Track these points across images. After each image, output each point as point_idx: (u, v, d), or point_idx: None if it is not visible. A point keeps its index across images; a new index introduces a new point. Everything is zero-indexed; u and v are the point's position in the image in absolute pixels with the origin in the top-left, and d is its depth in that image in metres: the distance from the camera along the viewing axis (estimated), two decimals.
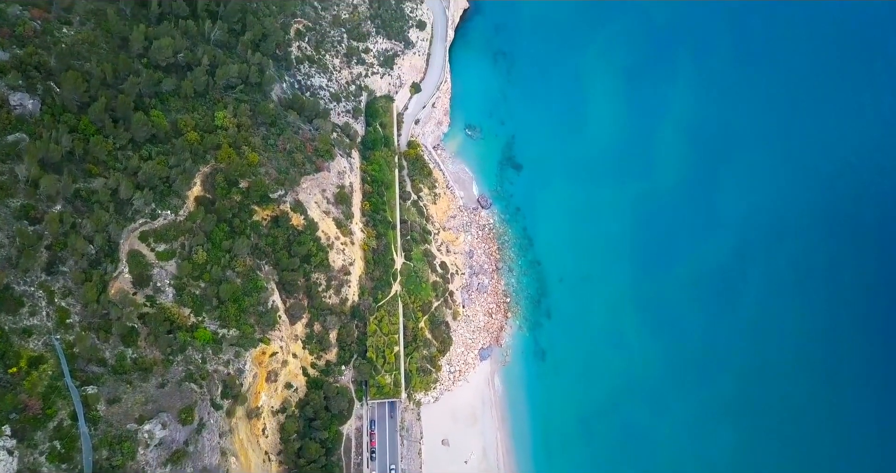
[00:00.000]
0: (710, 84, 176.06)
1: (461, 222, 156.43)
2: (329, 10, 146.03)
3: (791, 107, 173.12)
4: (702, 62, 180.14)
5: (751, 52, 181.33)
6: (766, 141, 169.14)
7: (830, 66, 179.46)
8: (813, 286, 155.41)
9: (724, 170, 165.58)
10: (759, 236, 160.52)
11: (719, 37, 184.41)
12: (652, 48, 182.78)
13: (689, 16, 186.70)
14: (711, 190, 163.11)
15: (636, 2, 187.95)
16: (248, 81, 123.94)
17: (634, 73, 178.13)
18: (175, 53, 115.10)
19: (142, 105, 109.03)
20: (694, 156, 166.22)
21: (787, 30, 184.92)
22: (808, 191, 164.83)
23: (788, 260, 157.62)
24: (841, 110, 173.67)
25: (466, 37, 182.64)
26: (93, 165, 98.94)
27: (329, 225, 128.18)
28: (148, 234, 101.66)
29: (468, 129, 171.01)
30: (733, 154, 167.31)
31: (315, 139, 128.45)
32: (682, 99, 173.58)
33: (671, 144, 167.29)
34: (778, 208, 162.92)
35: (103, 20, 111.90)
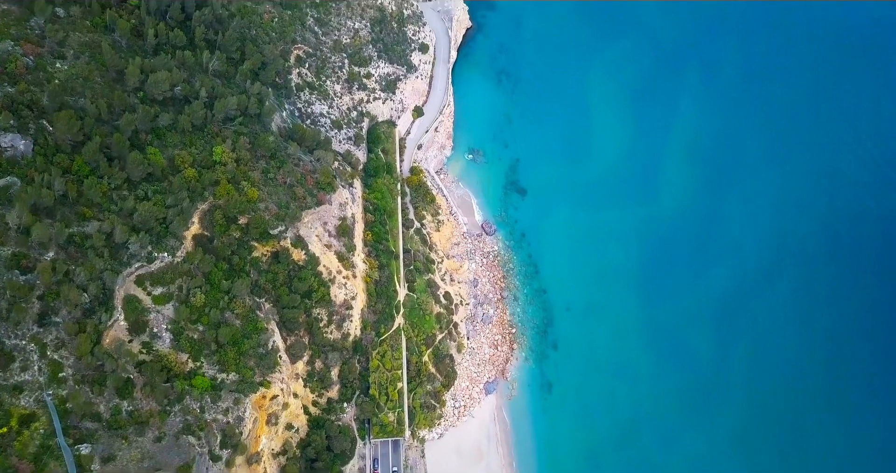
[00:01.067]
0: (716, 105, 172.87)
1: (465, 249, 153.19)
2: (330, 36, 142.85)
3: (798, 129, 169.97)
4: (708, 82, 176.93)
5: (757, 72, 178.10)
6: (772, 164, 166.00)
7: (839, 85, 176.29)
8: (820, 312, 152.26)
9: (730, 194, 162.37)
10: (767, 262, 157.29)
11: (725, 56, 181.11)
12: (657, 68, 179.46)
13: (695, 35, 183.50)
14: (718, 215, 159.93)
15: (641, 21, 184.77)
16: (248, 112, 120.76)
17: (639, 93, 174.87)
18: (172, 86, 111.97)
19: (138, 141, 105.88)
20: (700, 179, 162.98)
21: (793, 49, 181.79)
22: (816, 213, 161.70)
23: (796, 286, 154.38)
24: (850, 130, 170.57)
25: (469, 56, 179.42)
26: (87, 208, 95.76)
27: (331, 259, 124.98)
28: (144, 278, 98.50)
29: (471, 153, 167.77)
30: (739, 177, 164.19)
31: (316, 171, 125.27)
32: (687, 120, 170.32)
33: (677, 168, 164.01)
34: (785, 233, 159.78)
35: (98, 53, 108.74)
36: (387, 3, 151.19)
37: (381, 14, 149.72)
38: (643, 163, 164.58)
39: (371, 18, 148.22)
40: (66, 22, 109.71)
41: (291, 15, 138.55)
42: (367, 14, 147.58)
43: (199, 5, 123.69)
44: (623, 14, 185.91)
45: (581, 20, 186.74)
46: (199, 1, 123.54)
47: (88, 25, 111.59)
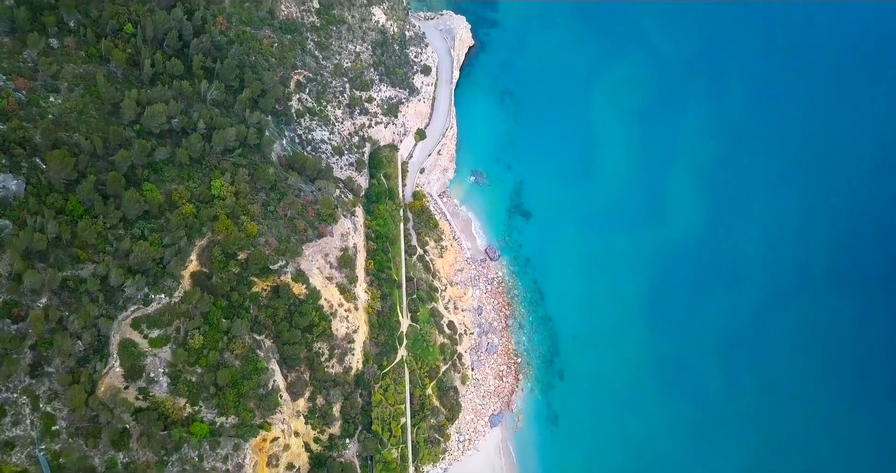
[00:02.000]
0: (722, 127, 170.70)
1: (469, 276, 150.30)
2: (330, 59, 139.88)
3: (806, 151, 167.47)
4: (714, 103, 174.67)
5: (763, 93, 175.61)
6: (780, 187, 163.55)
7: (848, 107, 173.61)
8: (833, 339, 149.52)
9: (738, 218, 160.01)
10: (778, 287, 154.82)
11: (731, 77, 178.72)
12: (663, 87, 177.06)
13: (701, 53, 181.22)
14: (726, 239, 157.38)
15: (646, 40, 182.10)
16: (247, 143, 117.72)
17: (645, 113, 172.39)
18: (169, 118, 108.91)
19: (134, 177, 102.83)
20: (707, 203, 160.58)
21: (801, 68, 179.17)
22: (826, 238, 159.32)
23: (807, 313, 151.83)
24: (860, 153, 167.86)
25: (472, 76, 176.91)
26: (81, 250, 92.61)
27: (332, 291, 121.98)
28: (141, 321, 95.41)
29: (474, 175, 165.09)
30: (747, 201, 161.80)
31: (317, 202, 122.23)
32: (693, 142, 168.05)
33: (683, 192, 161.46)
34: (795, 257, 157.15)
35: (93, 85, 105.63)
36: (388, 24, 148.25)
37: (383, 36, 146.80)
38: (649, 186, 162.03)
39: (372, 41, 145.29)
40: (60, 53, 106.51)
41: (291, 39, 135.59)
42: (369, 37, 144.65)
43: (197, 32, 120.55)
44: (628, 33, 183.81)
45: (585, 37, 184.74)
46: (196, 28, 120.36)
47: (83, 56, 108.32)
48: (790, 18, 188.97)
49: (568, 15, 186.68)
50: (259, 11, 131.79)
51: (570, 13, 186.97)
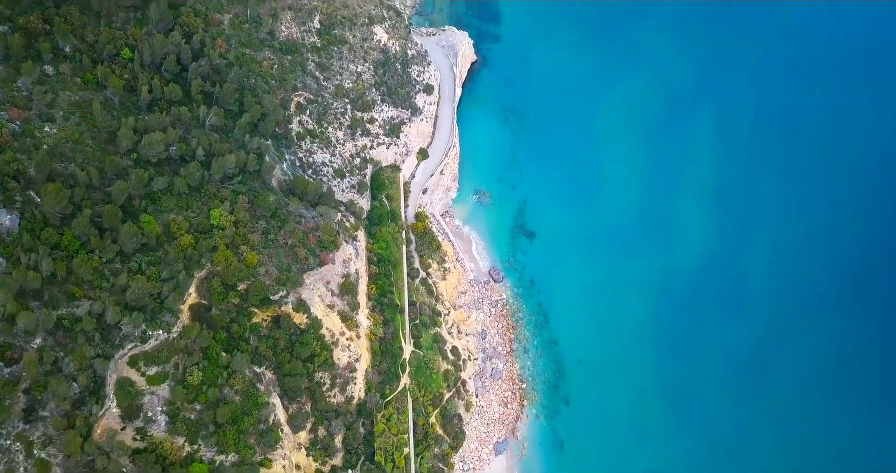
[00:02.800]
0: (729, 146, 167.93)
1: (472, 298, 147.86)
2: (331, 80, 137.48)
3: (817, 172, 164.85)
4: (722, 122, 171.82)
5: (773, 111, 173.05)
6: (790, 209, 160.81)
7: (861, 126, 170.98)
8: (847, 369, 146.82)
9: (748, 242, 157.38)
10: (788, 314, 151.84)
11: (739, 95, 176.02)
12: (669, 105, 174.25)
13: (707, 74, 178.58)
14: (736, 264, 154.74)
15: (652, 56, 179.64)
16: (247, 169, 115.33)
17: (651, 132, 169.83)
18: (167, 146, 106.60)
19: (131, 208, 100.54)
20: (716, 226, 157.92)
21: (810, 84, 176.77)
22: (839, 264, 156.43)
23: (819, 341, 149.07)
24: (870, 174, 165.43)
25: (475, 92, 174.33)
26: (76, 287, 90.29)
27: (334, 320, 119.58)
28: (138, 358, 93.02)
29: (477, 194, 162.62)
30: (757, 224, 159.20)
31: (319, 228, 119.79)
32: (701, 163, 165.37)
33: (691, 213, 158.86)
34: (807, 283, 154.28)
35: (89, 113, 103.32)
36: (390, 43, 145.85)
37: (385, 56, 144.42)
38: (656, 207, 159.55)
39: (374, 61, 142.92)
40: (56, 80, 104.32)
41: (292, 60, 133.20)
42: (370, 56, 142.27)
43: (196, 56, 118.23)
44: (633, 50, 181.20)
45: (589, 52, 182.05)
46: (195, 51, 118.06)
47: (79, 83, 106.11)
48: (799, 34, 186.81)
49: (571, 30, 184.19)
50: (259, 33, 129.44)
51: (573, 28, 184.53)
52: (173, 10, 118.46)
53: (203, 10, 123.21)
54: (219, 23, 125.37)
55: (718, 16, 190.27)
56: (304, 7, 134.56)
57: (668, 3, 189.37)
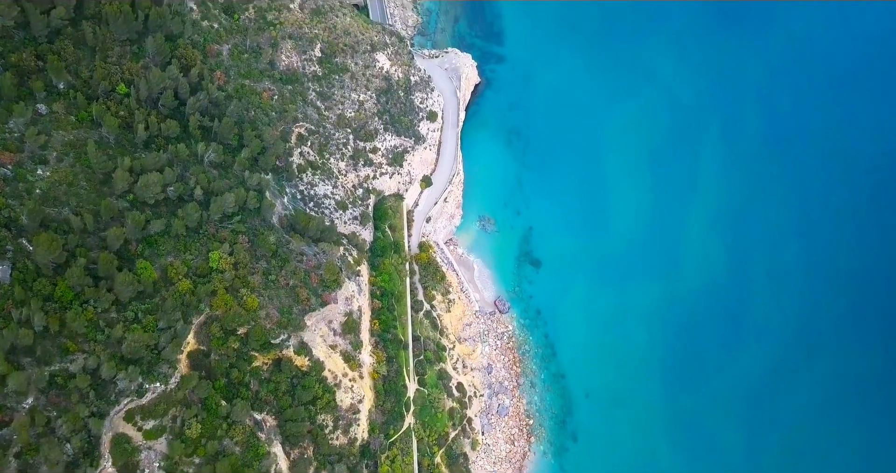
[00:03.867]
0: (738, 169, 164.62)
1: (477, 330, 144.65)
2: (333, 110, 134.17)
3: (827, 195, 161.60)
4: (729, 144, 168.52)
5: (781, 131, 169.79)
6: (801, 234, 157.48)
7: (872, 146, 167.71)
8: (862, 399, 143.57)
9: (757, 268, 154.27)
10: (799, 343, 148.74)
11: (746, 115, 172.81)
12: (675, 127, 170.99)
13: (715, 94, 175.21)
14: (745, 291, 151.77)
15: (657, 76, 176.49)
16: (246, 207, 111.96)
17: (658, 155, 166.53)
18: (165, 187, 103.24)
19: (127, 253, 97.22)
20: (724, 252, 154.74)
21: (820, 104, 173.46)
22: (851, 290, 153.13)
23: (830, 371, 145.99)
24: (885, 195, 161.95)
25: (478, 115, 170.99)
26: (70, 341, 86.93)
27: (336, 361, 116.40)
28: (134, 413, 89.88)
29: (482, 221, 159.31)
30: (767, 250, 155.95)
31: (320, 267, 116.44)
32: (709, 187, 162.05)
33: (699, 240, 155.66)
34: (818, 311, 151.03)
35: (83, 153, 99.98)
36: (393, 70, 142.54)
37: (388, 83, 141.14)
38: (663, 234, 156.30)
39: (377, 88, 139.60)
40: (49, 120, 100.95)
41: (292, 90, 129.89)
42: (373, 84, 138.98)
43: (194, 89, 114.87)
44: (638, 69, 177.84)
45: (594, 73, 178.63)
46: (193, 85, 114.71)
47: (73, 121, 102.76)
48: (806, 50, 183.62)
49: (576, 49, 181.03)
50: (258, 63, 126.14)
51: (578, 47, 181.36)
52: (170, 42, 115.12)
53: (201, 42, 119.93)
54: (217, 53, 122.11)
55: (724, 32, 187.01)
56: (305, 36, 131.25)
57: (673, 22, 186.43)
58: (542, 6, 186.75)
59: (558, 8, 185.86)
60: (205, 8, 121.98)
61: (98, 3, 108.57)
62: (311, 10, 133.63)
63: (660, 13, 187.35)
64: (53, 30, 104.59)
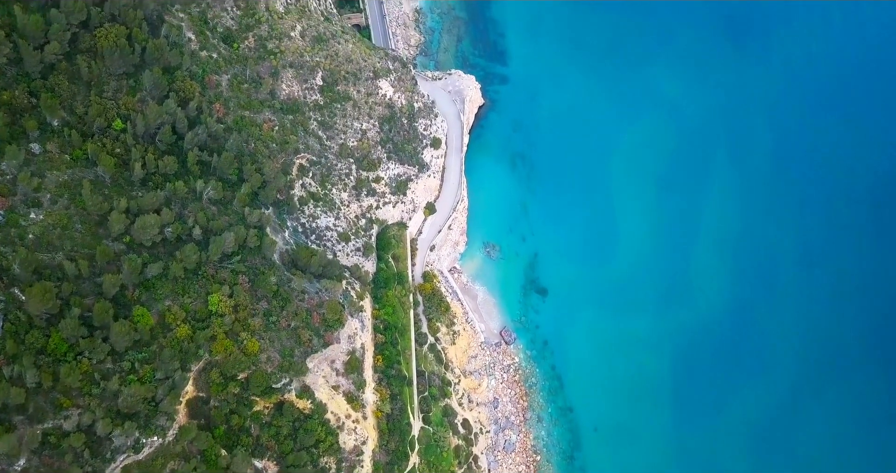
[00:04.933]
0: (748, 194, 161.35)
1: (483, 363, 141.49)
2: (335, 140, 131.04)
3: (840, 222, 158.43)
4: (738, 168, 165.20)
5: (791, 156, 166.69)
6: (812, 263, 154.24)
7: (885, 166, 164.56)
8: (877, 434, 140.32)
9: (769, 297, 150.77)
10: (811, 375, 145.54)
11: (755, 138, 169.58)
12: (683, 150, 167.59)
13: (724, 113, 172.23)
14: (757, 322, 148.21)
15: (664, 98, 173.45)
16: (246, 245, 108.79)
17: (665, 179, 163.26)
18: (162, 228, 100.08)
19: (123, 299, 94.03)
20: (735, 282, 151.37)
21: (830, 128, 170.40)
22: (866, 320, 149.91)
23: (843, 403, 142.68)
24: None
25: (483, 138, 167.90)
26: (64, 397, 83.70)
27: (339, 403, 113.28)
28: (131, 468, 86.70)
29: (487, 248, 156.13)
30: (779, 278, 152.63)
31: (322, 305, 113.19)
32: (718, 212, 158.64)
33: (709, 268, 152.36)
34: (832, 341, 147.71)
35: (78, 194, 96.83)
36: (396, 97, 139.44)
37: (391, 111, 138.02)
38: (672, 261, 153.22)
39: (379, 116, 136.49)
40: (42, 160, 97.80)
41: (293, 120, 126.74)
42: (376, 112, 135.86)
43: (192, 123, 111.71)
44: (645, 89, 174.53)
45: (600, 94, 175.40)
46: (191, 118, 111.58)
47: (68, 160, 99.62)
48: (818, 70, 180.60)
49: (581, 70, 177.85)
50: (258, 93, 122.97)
51: (583, 68, 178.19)
52: (168, 74, 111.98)
53: (199, 73, 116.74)
54: (216, 85, 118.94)
55: (731, 51, 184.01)
56: (306, 64, 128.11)
57: (680, 40, 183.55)
58: (546, 25, 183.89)
59: (563, 27, 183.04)
60: (203, 38, 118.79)
61: (93, 37, 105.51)
62: (313, 37, 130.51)
63: (666, 31, 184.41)
64: (47, 65, 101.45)
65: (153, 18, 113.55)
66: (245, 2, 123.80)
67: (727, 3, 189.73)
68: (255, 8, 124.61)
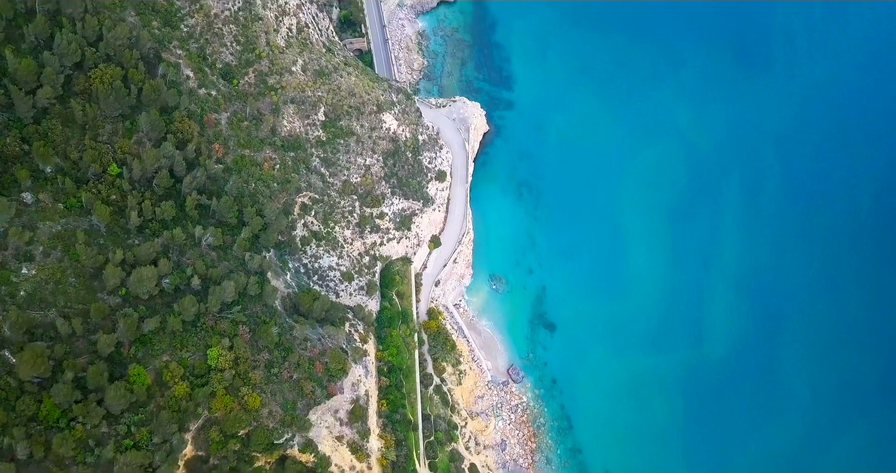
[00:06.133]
0: (761, 226, 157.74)
1: (490, 403, 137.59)
2: (338, 176, 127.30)
3: (855, 254, 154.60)
4: (750, 199, 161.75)
5: (804, 187, 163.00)
6: (827, 298, 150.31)
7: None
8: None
9: (783, 333, 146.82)
10: (827, 415, 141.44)
11: (766, 168, 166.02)
12: (693, 178, 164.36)
13: (734, 140, 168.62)
14: (770, 359, 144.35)
15: (674, 124, 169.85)
16: (247, 293, 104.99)
17: (675, 211, 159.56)
18: (160, 279, 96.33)
19: (118, 357, 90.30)
20: (746, 318, 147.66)
21: (843, 157, 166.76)
22: (884, 356, 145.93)
23: (865, 445, 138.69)
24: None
25: (488, 166, 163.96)
26: (56, 467, 79.92)
27: (343, 454, 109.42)
28: None
29: (493, 281, 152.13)
30: (792, 314, 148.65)
31: (325, 354, 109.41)
32: (729, 246, 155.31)
33: (721, 304, 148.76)
34: (849, 379, 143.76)
35: (72, 246, 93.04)
36: (400, 130, 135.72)
37: (395, 145, 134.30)
38: (684, 297, 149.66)
39: (383, 151, 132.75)
40: (35, 210, 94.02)
41: (295, 157, 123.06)
42: (379, 147, 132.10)
43: (191, 165, 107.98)
44: (653, 116, 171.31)
45: (607, 120, 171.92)
46: (189, 160, 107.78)
47: (61, 209, 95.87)
48: (829, 99, 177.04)
49: (588, 96, 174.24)
50: (259, 131, 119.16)
51: (590, 94, 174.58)
52: (166, 114, 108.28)
53: (198, 112, 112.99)
54: (216, 123, 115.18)
55: (741, 78, 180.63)
56: (308, 99, 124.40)
57: (688, 67, 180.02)
58: (552, 49, 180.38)
59: (569, 50, 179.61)
60: (202, 75, 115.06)
61: (88, 78, 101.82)
62: (315, 71, 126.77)
63: (675, 55, 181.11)
64: (40, 109, 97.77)
65: (150, 57, 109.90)
66: (245, 36, 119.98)
67: (736, 27, 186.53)
68: (256, 43, 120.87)
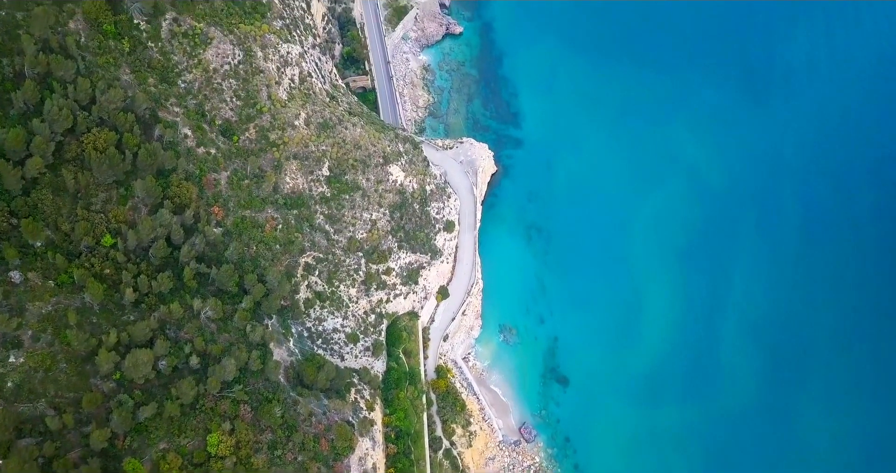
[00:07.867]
0: (778, 271, 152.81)
1: (501, 465, 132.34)
2: (343, 233, 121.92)
3: (878, 303, 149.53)
4: (768, 239, 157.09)
5: (821, 227, 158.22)
6: (848, 351, 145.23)
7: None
8: None
9: (802, 389, 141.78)
10: (850, 466, 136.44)
11: (783, 206, 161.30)
12: (708, 219, 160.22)
13: (748, 177, 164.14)
14: (789, 416, 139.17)
15: (687, 162, 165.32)
16: (248, 368, 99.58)
17: (691, 254, 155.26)
18: (156, 362, 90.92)
19: (113, 450, 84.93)
20: (765, 372, 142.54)
21: (861, 193, 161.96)
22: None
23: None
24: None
25: (496, 208, 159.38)
26: None
27: None
28: None
29: (503, 331, 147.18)
30: (814, 367, 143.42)
31: (331, 429, 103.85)
32: (747, 294, 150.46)
33: (738, 356, 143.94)
34: (869, 430, 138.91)
35: (62, 328, 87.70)
36: (407, 181, 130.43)
37: (402, 197, 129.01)
38: (700, 347, 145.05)
39: (390, 204, 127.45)
40: (23, 290, 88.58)
41: (298, 215, 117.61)
42: (386, 200, 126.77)
43: (189, 231, 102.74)
44: (665, 154, 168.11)
45: (618, 159, 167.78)
46: (187, 227, 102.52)
47: (52, 287, 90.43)
48: (844, 131, 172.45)
49: (598, 133, 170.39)
50: (260, 190, 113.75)
51: (600, 131, 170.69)
52: (162, 178, 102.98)
53: (196, 173, 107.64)
54: (215, 184, 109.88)
55: (755, 111, 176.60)
56: (312, 154, 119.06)
57: (702, 100, 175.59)
58: (561, 84, 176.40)
59: (579, 86, 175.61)
60: (200, 133, 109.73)
61: (80, 144, 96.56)
62: (318, 124, 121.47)
63: (685, 89, 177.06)
64: (29, 180, 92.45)
65: (146, 117, 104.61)
66: (245, 91, 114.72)
67: (747, 59, 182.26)
68: (257, 97, 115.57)
